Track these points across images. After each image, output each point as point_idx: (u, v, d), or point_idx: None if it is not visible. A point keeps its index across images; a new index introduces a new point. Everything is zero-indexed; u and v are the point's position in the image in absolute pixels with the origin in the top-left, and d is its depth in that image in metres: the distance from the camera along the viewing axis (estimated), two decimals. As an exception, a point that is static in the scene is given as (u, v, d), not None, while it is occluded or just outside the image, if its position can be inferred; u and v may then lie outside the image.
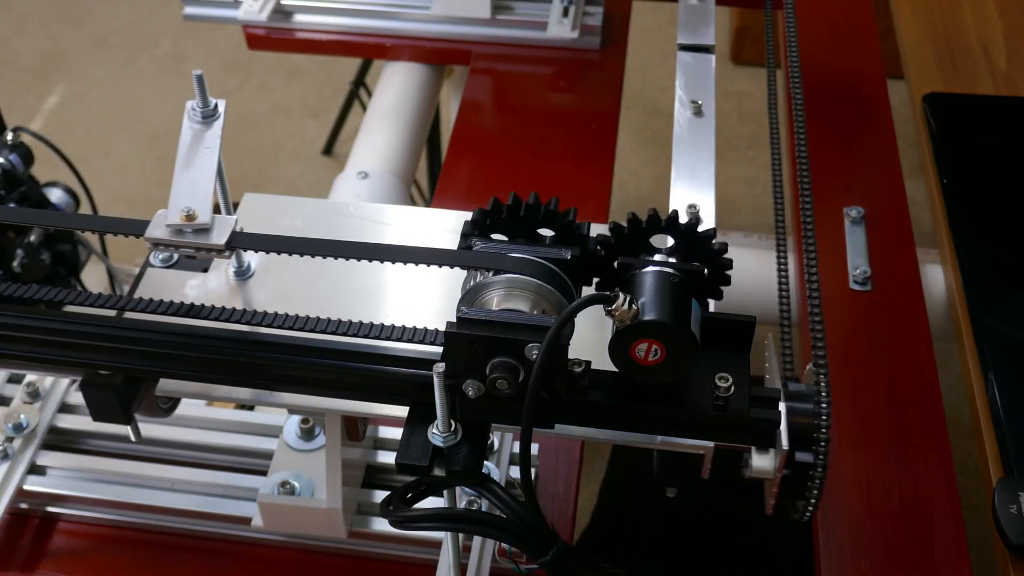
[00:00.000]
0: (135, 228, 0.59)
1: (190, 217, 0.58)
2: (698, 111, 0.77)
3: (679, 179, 0.73)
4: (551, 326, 0.50)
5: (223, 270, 0.67)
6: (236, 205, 0.70)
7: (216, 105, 0.62)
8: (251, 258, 0.67)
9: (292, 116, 2.39)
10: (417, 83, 1.20)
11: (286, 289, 0.66)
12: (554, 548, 0.57)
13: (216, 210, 0.59)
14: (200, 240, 0.58)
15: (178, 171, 0.61)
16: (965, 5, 1.21)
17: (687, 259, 0.55)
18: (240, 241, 0.58)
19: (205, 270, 0.67)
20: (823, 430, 0.55)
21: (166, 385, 0.63)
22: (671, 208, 0.69)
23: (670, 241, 0.55)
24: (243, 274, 0.66)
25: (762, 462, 0.56)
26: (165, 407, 0.65)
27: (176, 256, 0.67)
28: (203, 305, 0.58)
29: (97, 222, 0.61)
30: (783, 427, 0.55)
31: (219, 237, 0.58)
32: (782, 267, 0.70)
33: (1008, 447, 0.79)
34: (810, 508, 0.57)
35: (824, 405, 0.55)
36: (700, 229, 0.55)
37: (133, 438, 0.64)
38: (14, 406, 0.80)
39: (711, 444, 0.57)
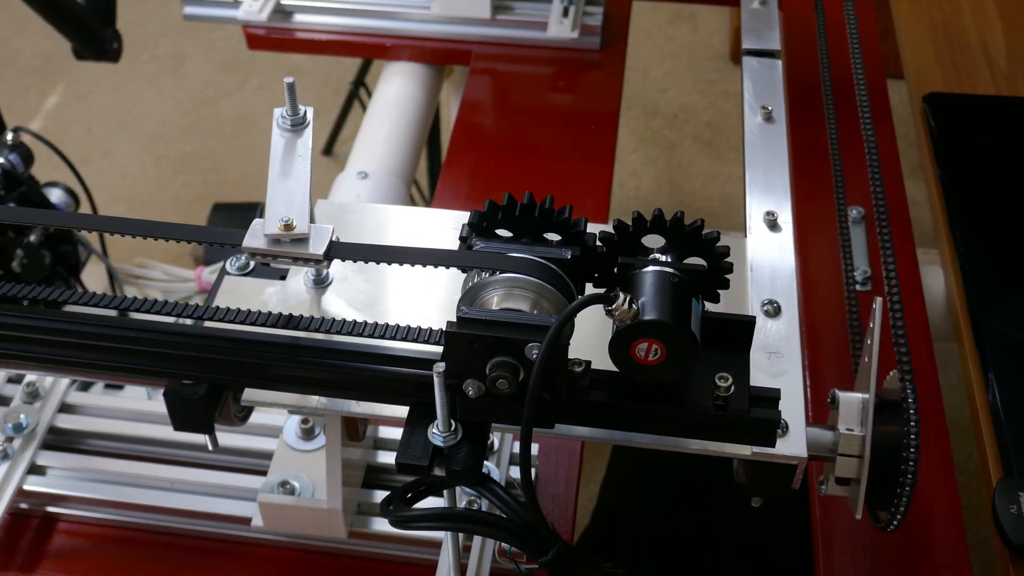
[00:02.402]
0: (231, 238, 0.58)
1: (288, 227, 0.57)
2: (768, 117, 0.76)
3: (754, 187, 0.71)
4: (551, 326, 0.50)
5: (300, 278, 0.66)
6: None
7: (305, 113, 0.62)
8: (331, 267, 0.66)
9: (292, 116, 2.38)
10: (417, 83, 1.20)
11: (363, 297, 0.65)
12: (554, 548, 0.57)
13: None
14: (299, 250, 0.57)
15: (273, 180, 0.60)
16: (965, 5, 1.21)
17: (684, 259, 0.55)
18: (339, 251, 0.58)
19: (283, 278, 0.66)
20: (912, 437, 0.55)
21: (252, 395, 0.62)
22: (748, 217, 0.68)
23: (663, 241, 0.56)
24: (321, 282, 0.65)
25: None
26: (241, 416, 0.64)
27: (253, 264, 0.66)
28: (197, 305, 0.58)
29: (187, 231, 0.59)
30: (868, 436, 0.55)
31: (317, 247, 0.57)
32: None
33: (1008, 447, 0.79)
34: (897, 519, 0.57)
35: (912, 418, 0.55)
36: (705, 231, 0.55)
37: (211, 447, 0.63)
38: (14, 406, 0.80)
39: (804, 455, 0.57)
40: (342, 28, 1.21)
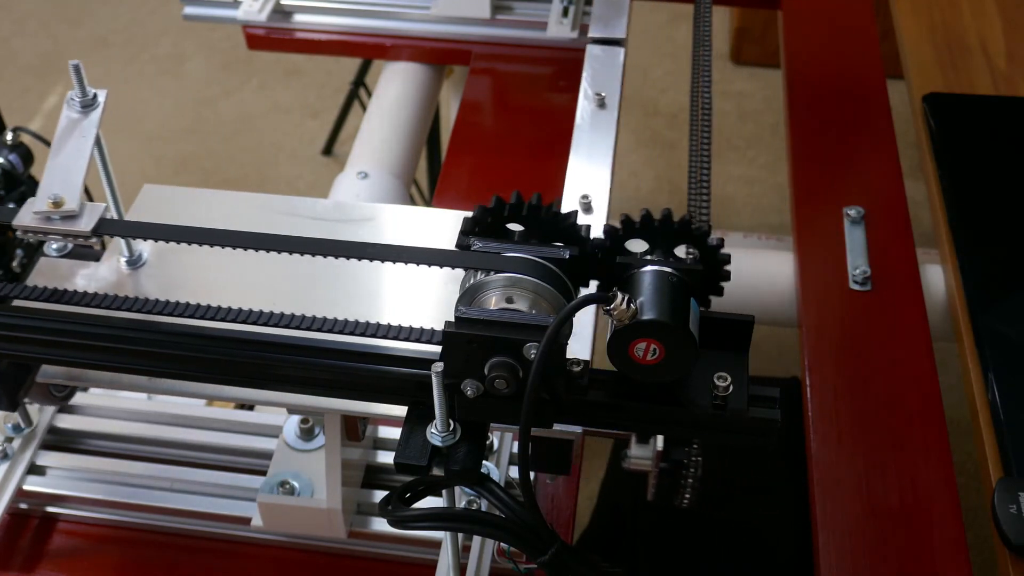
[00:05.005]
0: (5, 216, 0.60)
1: (57, 204, 0.59)
2: (601, 103, 0.77)
3: (574, 170, 0.73)
4: (549, 325, 0.50)
5: (115, 260, 0.68)
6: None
7: (95, 95, 0.63)
8: (144, 248, 0.68)
9: (292, 116, 2.39)
10: (417, 83, 1.20)
11: (177, 279, 0.67)
12: (553, 547, 0.57)
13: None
14: (67, 227, 0.59)
15: (51, 159, 0.62)
16: (965, 5, 1.21)
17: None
18: (108, 228, 0.59)
19: (97, 260, 0.69)
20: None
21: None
22: (563, 197, 0.70)
23: (645, 246, 0.56)
24: (134, 263, 0.68)
25: (640, 452, 0.63)
26: (60, 395, 0.66)
27: (70, 246, 0.68)
28: (199, 305, 0.58)
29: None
30: None
31: (87, 224, 0.59)
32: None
33: (1008, 447, 0.79)
34: (686, 498, 0.65)
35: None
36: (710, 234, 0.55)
37: (23, 425, 0.65)
38: (14, 406, 0.80)
39: (579, 430, 0.60)
40: (342, 28, 1.21)
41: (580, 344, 0.61)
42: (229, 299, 0.58)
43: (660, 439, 0.65)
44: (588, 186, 0.71)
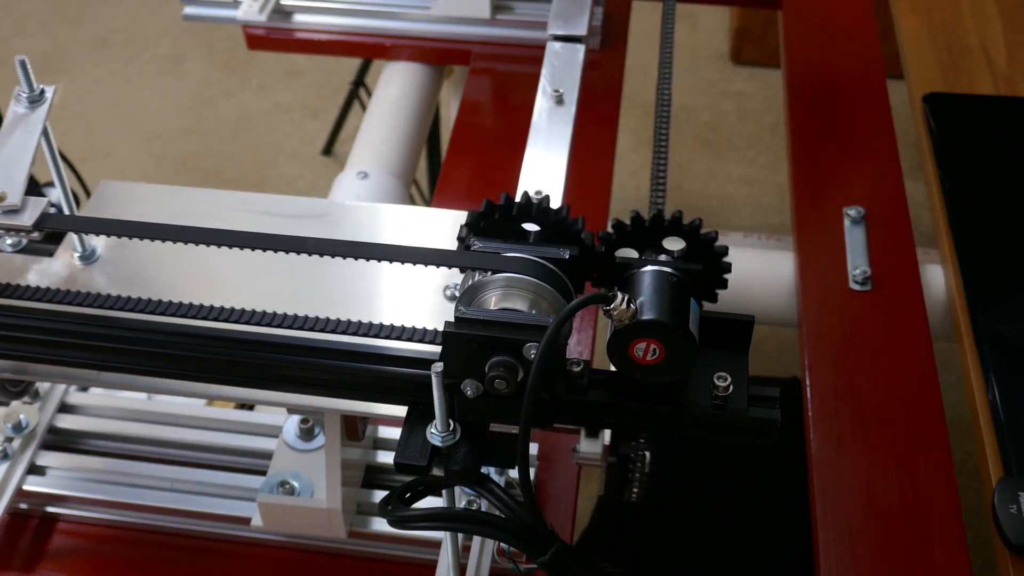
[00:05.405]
0: None
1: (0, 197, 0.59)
2: (559, 100, 0.77)
3: (529, 166, 0.74)
4: (549, 325, 0.50)
5: (68, 255, 0.68)
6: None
7: (43, 91, 0.64)
8: (97, 243, 0.69)
9: (292, 116, 2.39)
10: (417, 83, 1.20)
11: (130, 274, 0.67)
12: (553, 547, 0.57)
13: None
14: (9, 221, 0.59)
15: None
16: (965, 5, 1.21)
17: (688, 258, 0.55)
18: (50, 222, 0.60)
19: (51, 255, 0.69)
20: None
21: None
22: (519, 193, 0.70)
23: (661, 242, 0.56)
24: (88, 258, 0.68)
25: (589, 447, 0.66)
26: (15, 390, 0.66)
27: (24, 241, 0.69)
28: (201, 305, 0.58)
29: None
30: None
31: (29, 218, 0.59)
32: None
33: (1008, 447, 0.79)
34: (635, 492, 0.67)
35: None
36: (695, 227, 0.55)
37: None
38: (14, 406, 0.80)
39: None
40: (342, 28, 1.21)
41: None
42: (181, 295, 0.59)
43: (607, 434, 0.67)
44: (542, 182, 0.71)
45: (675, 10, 0.96)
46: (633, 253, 0.56)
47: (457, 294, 0.63)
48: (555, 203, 0.70)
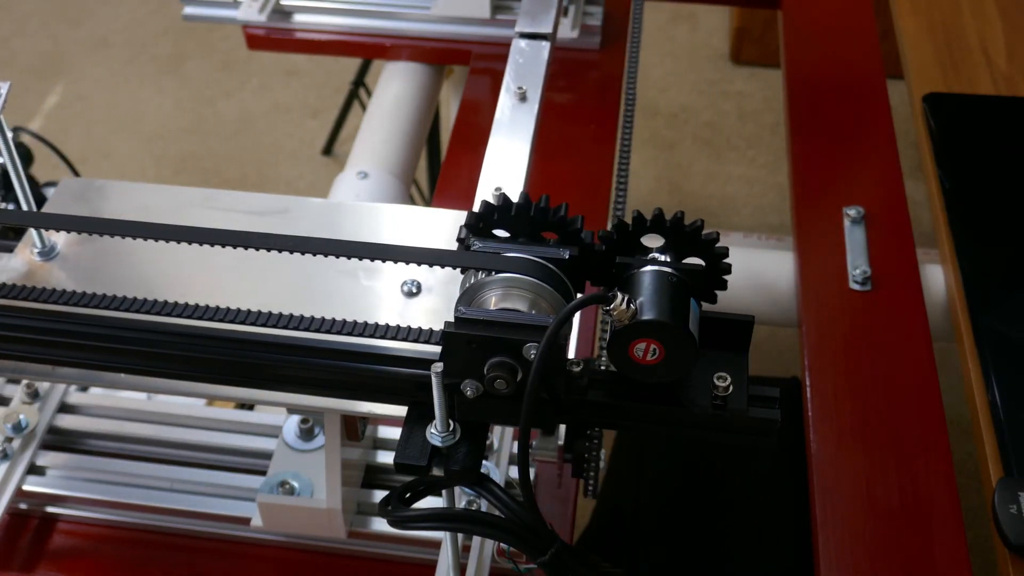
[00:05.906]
0: None
1: None
2: (523, 97, 0.78)
3: (490, 163, 0.73)
4: (549, 325, 0.50)
5: (28, 251, 0.68)
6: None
7: None
8: (57, 239, 0.69)
9: (292, 116, 2.39)
10: (417, 83, 1.20)
11: (89, 270, 0.67)
12: (553, 547, 0.57)
13: None
14: None
15: None
16: (965, 5, 1.21)
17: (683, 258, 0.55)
18: (5, 217, 0.60)
19: (10, 251, 0.69)
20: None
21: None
22: (479, 190, 0.71)
23: (661, 241, 0.56)
24: (47, 254, 0.68)
25: (544, 444, 0.69)
26: None
27: None
28: (207, 306, 0.58)
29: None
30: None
31: None
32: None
33: (1008, 447, 0.79)
34: (590, 487, 0.70)
35: None
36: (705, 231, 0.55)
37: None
38: (14, 406, 0.80)
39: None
40: (342, 28, 1.21)
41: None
42: (138, 291, 0.59)
43: (562, 430, 0.68)
44: (502, 179, 0.71)
45: (643, 10, 0.97)
46: (659, 240, 0.56)
47: (414, 290, 0.65)
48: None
